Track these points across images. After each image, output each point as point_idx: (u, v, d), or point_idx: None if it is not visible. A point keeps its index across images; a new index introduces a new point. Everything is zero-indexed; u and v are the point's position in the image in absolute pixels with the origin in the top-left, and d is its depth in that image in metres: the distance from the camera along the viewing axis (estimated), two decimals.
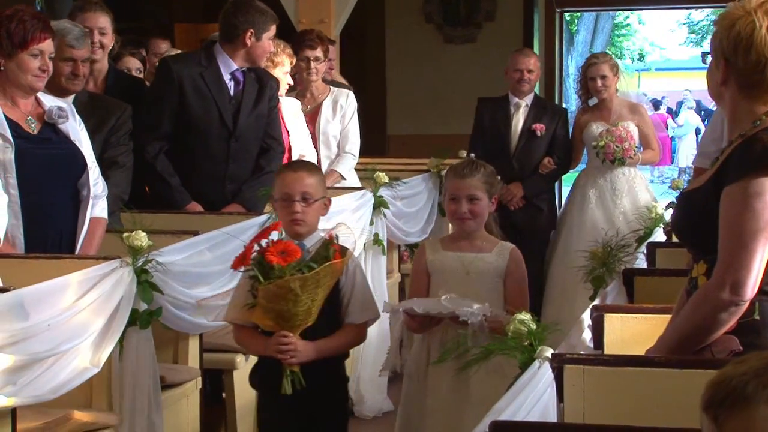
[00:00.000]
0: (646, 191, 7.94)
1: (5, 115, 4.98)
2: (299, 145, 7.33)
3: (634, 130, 7.78)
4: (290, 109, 7.30)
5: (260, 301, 4.22)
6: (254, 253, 4.23)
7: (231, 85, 6.50)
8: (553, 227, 8.13)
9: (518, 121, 8.03)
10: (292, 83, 7.47)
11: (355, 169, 8.14)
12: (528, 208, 7.93)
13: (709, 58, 3.38)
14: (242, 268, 4.31)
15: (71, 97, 5.75)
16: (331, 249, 4.26)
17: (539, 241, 8.03)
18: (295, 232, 4.51)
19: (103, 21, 6.42)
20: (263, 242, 4.30)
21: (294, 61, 7.40)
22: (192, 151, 6.44)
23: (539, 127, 7.87)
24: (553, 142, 7.98)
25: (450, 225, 5.35)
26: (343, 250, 4.34)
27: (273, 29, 6.53)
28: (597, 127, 7.83)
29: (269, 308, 4.23)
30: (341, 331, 4.53)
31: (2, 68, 5.02)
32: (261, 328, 4.42)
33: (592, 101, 8.08)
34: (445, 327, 4.60)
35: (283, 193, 4.55)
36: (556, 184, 9.53)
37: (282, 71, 7.12)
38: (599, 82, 7.90)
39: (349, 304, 4.53)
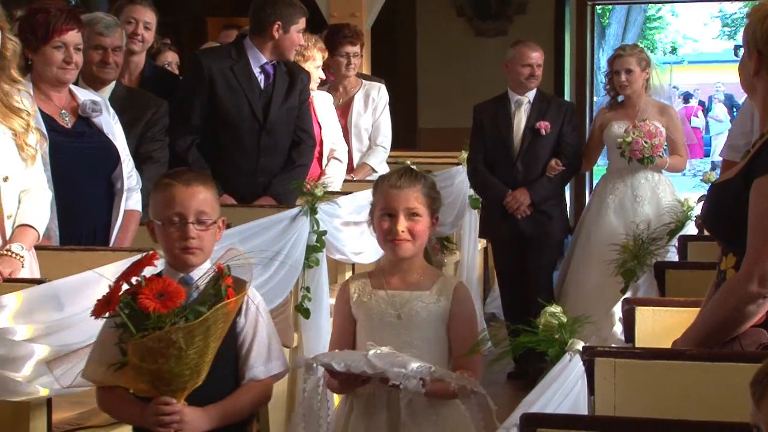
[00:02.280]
0: (672, 198, 6.99)
1: (40, 109, 5.03)
2: (330, 138, 7.37)
3: (663, 130, 7.16)
4: (322, 103, 7.32)
5: (131, 360, 3.15)
6: (122, 295, 3.19)
7: (261, 78, 6.51)
8: (564, 235, 7.62)
9: (520, 119, 7.29)
10: (323, 77, 7.49)
11: (386, 162, 8.15)
12: (536, 216, 7.18)
13: (741, 51, 3.38)
14: (107, 315, 3.24)
15: (107, 92, 5.80)
16: (222, 285, 3.20)
17: (550, 251, 7.37)
18: (187, 263, 3.50)
19: (149, 16, 6.52)
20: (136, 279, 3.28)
21: (326, 56, 7.41)
22: (223, 144, 6.46)
23: (544, 126, 7.14)
24: (561, 141, 7.25)
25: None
26: (239, 285, 3.29)
27: (302, 22, 6.53)
28: (619, 127, 7.22)
29: (143, 368, 3.15)
30: (241, 389, 3.50)
31: (31, 63, 5.07)
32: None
33: (621, 98, 7.44)
34: (374, 386, 3.63)
35: (173, 213, 3.48)
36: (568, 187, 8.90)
37: (313, 65, 7.13)
38: (623, 77, 7.24)
39: (251, 353, 3.49)
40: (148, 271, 3.30)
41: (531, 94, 7.34)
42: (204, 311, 3.12)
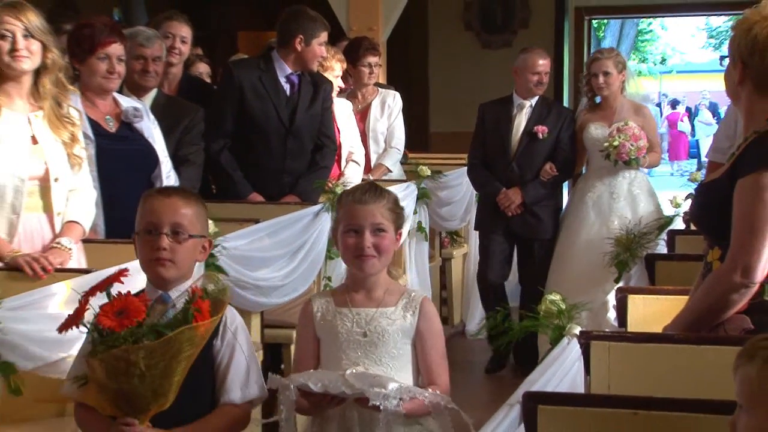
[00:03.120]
0: (649, 195, 6.91)
1: (87, 115, 5.06)
2: (348, 142, 7.36)
3: (643, 133, 6.77)
4: (341, 110, 7.30)
5: (94, 376, 2.86)
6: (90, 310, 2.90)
7: (287, 87, 6.49)
8: (555, 236, 7.11)
9: (520, 122, 7.02)
10: (342, 86, 7.49)
11: (401, 163, 8.16)
12: (526, 216, 6.91)
13: (726, 61, 3.38)
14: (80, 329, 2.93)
15: (149, 99, 5.81)
16: (191, 309, 2.86)
17: (543, 251, 7.04)
18: (157, 275, 3.16)
19: (185, 31, 6.55)
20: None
21: (344, 66, 7.42)
22: (253, 148, 6.45)
23: (541, 130, 6.88)
24: (557, 146, 6.96)
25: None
26: (215, 307, 2.94)
27: (323, 36, 6.51)
28: (596, 128, 6.89)
29: (106, 386, 2.84)
30: (215, 412, 3.13)
31: (78, 73, 5.10)
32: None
33: (598, 99, 7.07)
34: (345, 406, 3.23)
35: (147, 223, 3.23)
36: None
37: (332, 75, 7.12)
38: (601, 79, 6.87)
39: (227, 377, 3.13)
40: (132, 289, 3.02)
41: (533, 99, 7.09)
42: (166, 333, 2.77)
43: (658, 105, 27.84)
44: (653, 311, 3.62)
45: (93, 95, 5.16)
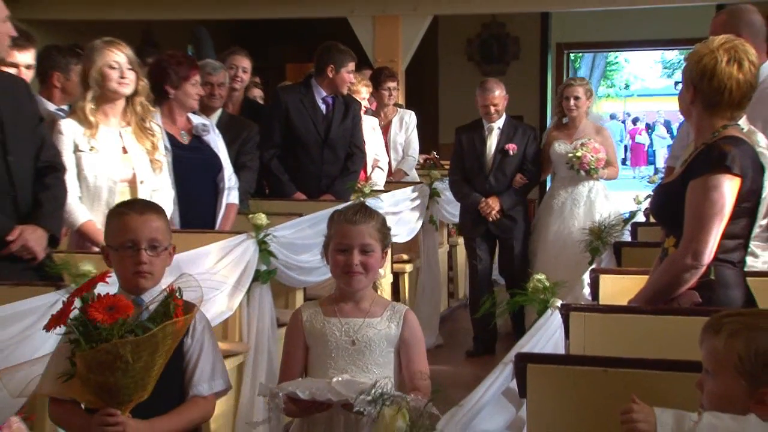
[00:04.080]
0: (606, 201, 6.72)
1: (166, 130, 5.09)
2: (374, 151, 7.39)
3: (602, 148, 6.62)
4: (369, 125, 7.32)
5: (79, 371, 2.56)
6: (75, 310, 2.59)
7: (323, 107, 6.52)
8: (529, 234, 6.92)
9: (492, 142, 6.74)
10: (368, 106, 7.50)
11: (415, 168, 8.16)
12: (503, 220, 6.74)
13: (680, 86, 3.37)
14: (60, 329, 2.61)
15: (215, 118, 5.84)
16: (172, 305, 2.63)
17: (520, 246, 6.85)
18: (139, 286, 2.87)
19: (246, 63, 6.64)
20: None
21: (370, 90, 7.44)
22: (296, 156, 6.47)
23: (512, 147, 6.66)
24: (525, 158, 6.74)
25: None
26: (188, 307, 2.70)
27: (351, 65, 6.52)
28: (559, 144, 6.72)
29: (90, 380, 2.56)
30: (186, 404, 2.86)
31: (171, 96, 5.13)
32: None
33: (566, 120, 6.91)
34: (332, 411, 2.90)
35: (126, 240, 2.86)
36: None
37: (360, 97, 7.14)
38: (572, 102, 6.71)
39: (195, 371, 2.86)
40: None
41: (501, 122, 6.80)
42: (152, 327, 2.54)
43: (623, 121, 27.81)
44: (620, 288, 3.61)
45: (178, 114, 5.21)
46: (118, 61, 4.53)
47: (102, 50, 4.53)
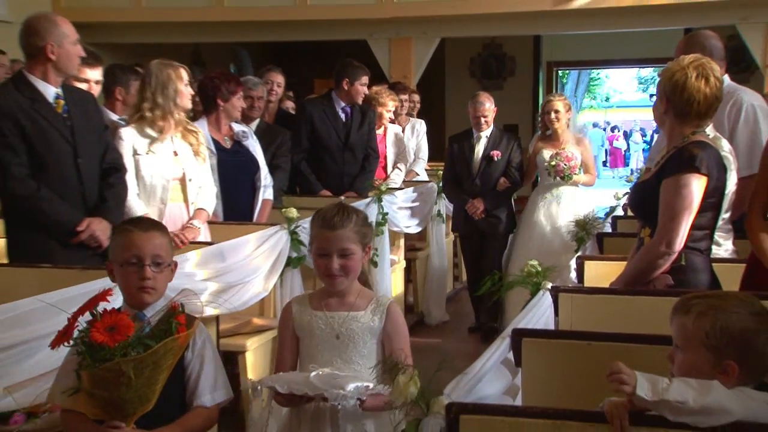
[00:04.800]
0: (583, 203, 6.42)
1: (212, 137, 5.10)
2: (396, 153, 7.32)
3: (578, 156, 6.40)
4: (392, 132, 7.28)
5: (85, 386, 2.35)
6: (80, 327, 2.35)
7: (343, 115, 6.49)
8: (510, 231, 6.74)
9: (480, 149, 6.50)
10: (393, 118, 7.41)
11: (425, 169, 8.15)
12: (488, 218, 6.50)
13: (654, 98, 3.35)
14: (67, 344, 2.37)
15: (254, 126, 5.83)
16: (174, 322, 2.39)
17: (499, 242, 6.65)
18: (143, 301, 2.61)
19: (280, 79, 6.68)
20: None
21: (396, 103, 7.38)
22: (321, 159, 6.45)
23: (496, 154, 6.44)
24: (509, 164, 6.49)
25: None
26: (189, 321, 2.46)
27: (364, 79, 6.48)
28: (547, 152, 6.48)
29: (95, 394, 2.34)
30: (188, 414, 2.60)
31: (221, 107, 5.14)
32: None
33: (549, 131, 6.62)
34: (319, 401, 2.63)
35: (131, 256, 2.60)
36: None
37: (386, 109, 7.08)
38: (552, 115, 6.48)
39: (198, 383, 2.61)
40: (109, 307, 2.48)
41: (488, 131, 6.57)
42: (153, 345, 2.31)
43: (604, 129, 27.74)
44: (602, 272, 3.59)
45: (224, 122, 5.23)
46: (187, 81, 4.60)
47: (177, 70, 4.58)
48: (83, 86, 4.64)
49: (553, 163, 6.34)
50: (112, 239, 2.74)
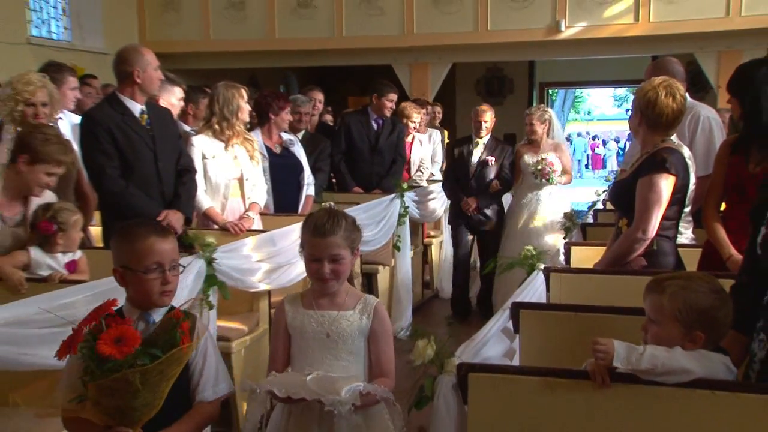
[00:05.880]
0: (561, 202, 6.12)
1: (264, 143, 5.09)
2: (419, 157, 7.13)
3: (557, 161, 6.05)
4: (417, 139, 7.15)
5: (91, 396, 1.95)
6: (85, 336, 1.94)
7: (375, 126, 6.43)
8: (500, 228, 6.37)
9: (476, 154, 6.22)
10: (417, 127, 7.18)
11: (440, 171, 8.08)
12: (480, 215, 6.22)
13: (630, 112, 3.30)
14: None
15: (300, 135, 5.82)
16: (178, 332, 1.97)
17: (490, 237, 6.30)
18: (164, 304, 2.21)
19: (321, 96, 6.69)
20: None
21: (422, 116, 7.27)
22: (355, 161, 6.41)
23: (490, 159, 6.18)
24: (501, 169, 6.18)
25: None
26: (192, 322, 2.02)
27: (390, 95, 6.38)
28: (528, 157, 6.13)
29: (102, 403, 1.95)
30: (193, 411, 2.20)
31: (272, 120, 5.13)
32: None
33: (531, 138, 6.27)
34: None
35: (152, 263, 2.17)
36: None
37: (411, 121, 6.90)
38: (529, 128, 6.19)
39: (201, 379, 2.23)
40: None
41: (486, 138, 6.26)
42: (159, 355, 1.93)
43: (586, 138, 27.55)
44: (586, 256, 3.55)
45: (275, 132, 5.21)
46: (246, 99, 4.63)
47: (239, 90, 4.61)
48: (175, 103, 4.77)
49: (539, 167, 6.09)
50: (123, 243, 2.23)
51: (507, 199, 6.65)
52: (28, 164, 3.24)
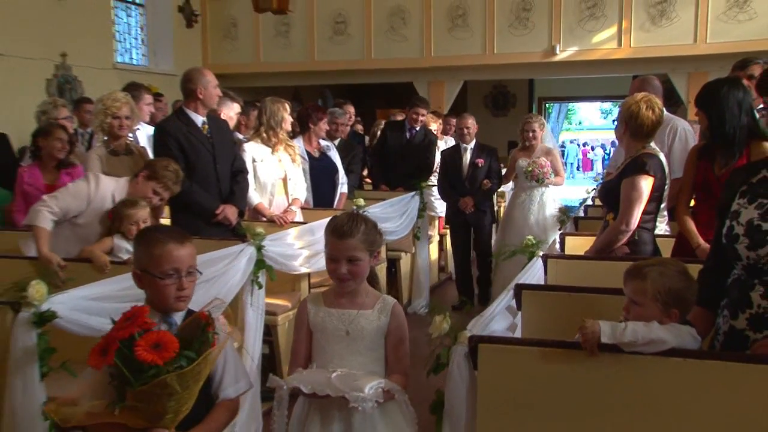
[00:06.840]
0: (552, 203, 5.84)
1: (305, 149, 5.09)
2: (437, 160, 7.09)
3: (548, 164, 5.74)
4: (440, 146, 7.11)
5: (129, 402, 1.73)
6: (119, 343, 1.72)
7: (408, 135, 6.30)
8: (493, 223, 6.14)
9: (467, 158, 5.90)
10: (439, 135, 7.12)
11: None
12: (476, 212, 5.95)
13: (616, 123, 3.26)
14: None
15: (336, 142, 5.80)
16: (209, 333, 1.81)
17: (485, 233, 6.05)
18: (179, 309, 1.96)
19: (352, 109, 6.62)
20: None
21: (439, 124, 7.16)
22: (388, 164, 6.33)
23: (480, 162, 5.91)
24: (490, 170, 5.92)
25: None
26: (214, 321, 1.85)
27: (416, 108, 6.21)
28: (522, 161, 5.83)
29: (139, 407, 1.74)
30: (216, 408, 1.97)
31: (311, 129, 5.13)
32: None
33: (527, 143, 5.94)
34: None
35: (170, 268, 1.93)
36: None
37: (429, 127, 6.72)
38: (530, 134, 5.87)
39: (223, 378, 1.99)
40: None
41: (473, 144, 5.95)
42: (195, 357, 1.75)
43: (578, 145, 27.30)
44: (578, 244, 3.51)
45: (314, 139, 5.19)
46: (289, 112, 4.63)
47: (283, 104, 4.61)
48: (233, 116, 4.80)
49: (530, 169, 5.82)
50: (144, 247, 1.99)
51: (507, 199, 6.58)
52: (145, 179, 3.42)
